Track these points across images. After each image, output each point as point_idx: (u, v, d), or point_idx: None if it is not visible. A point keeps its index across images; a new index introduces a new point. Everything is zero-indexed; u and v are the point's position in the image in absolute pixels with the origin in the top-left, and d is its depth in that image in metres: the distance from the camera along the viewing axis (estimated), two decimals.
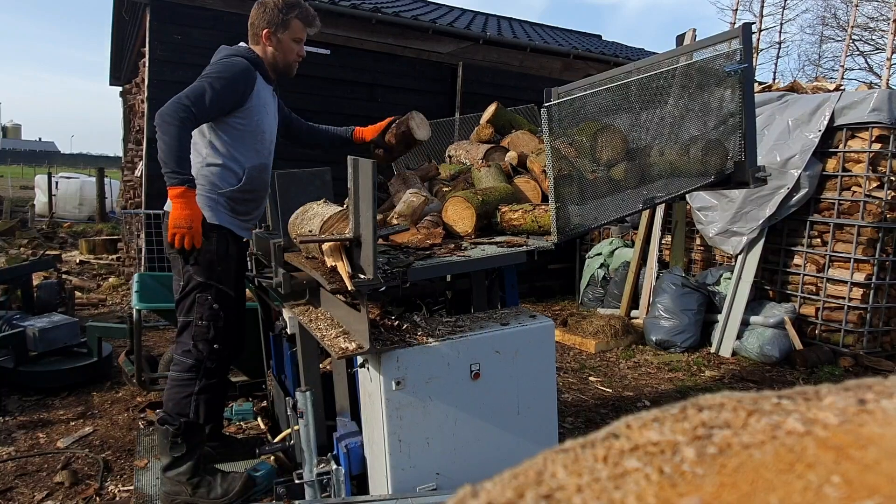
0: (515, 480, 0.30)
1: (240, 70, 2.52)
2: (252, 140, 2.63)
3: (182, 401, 2.60)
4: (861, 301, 4.94)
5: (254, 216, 2.76)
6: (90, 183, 16.22)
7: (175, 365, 2.64)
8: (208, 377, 2.62)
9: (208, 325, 2.58)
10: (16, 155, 61.91)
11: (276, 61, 2.69)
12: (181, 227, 2.36)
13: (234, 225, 2.65)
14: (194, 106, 2.38)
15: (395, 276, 1.92)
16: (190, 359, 2.60)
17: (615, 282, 6.43)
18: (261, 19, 2.64)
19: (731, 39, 2.65)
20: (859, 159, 4.90)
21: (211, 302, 2.58)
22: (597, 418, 3.78)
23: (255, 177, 2.65)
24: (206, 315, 2.58)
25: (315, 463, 2.14)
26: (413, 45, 6.80)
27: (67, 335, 4.15)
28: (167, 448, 2.62)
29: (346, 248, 1.88)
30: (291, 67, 2.74)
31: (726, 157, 2.63)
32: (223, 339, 2.64)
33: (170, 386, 2.65)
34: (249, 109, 2.57)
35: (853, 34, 22.02)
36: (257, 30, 2.65)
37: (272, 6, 2.63)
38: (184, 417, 2.59)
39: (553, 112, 2.23)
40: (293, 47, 2.69)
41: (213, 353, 2.61)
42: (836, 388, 0.34)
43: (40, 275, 6.22)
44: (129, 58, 9.15)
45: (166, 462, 2.64)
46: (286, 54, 2.69)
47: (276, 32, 2.64)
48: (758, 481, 0.28)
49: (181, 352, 2.63)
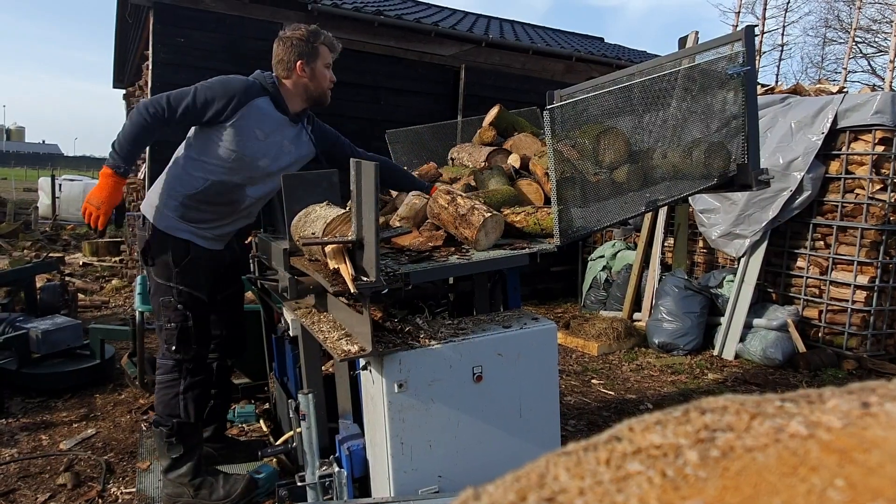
0: (518, 483, 0.30)
1: (231, 85, 2.50)
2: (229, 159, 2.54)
3: (170, 402, 2.63)
4: (864, 304, 4.93)
5: (213, 227, 2.65)
6: (93, 185, 16.24)
7: (158, 368, 2.69)
8: (192, 375, 2.65)
9: (176, 326, 2.60)
10: (19, 157, 62.13)
11: (312, 90, 2.66)
12: (92, 205, 2.37)
13: (185, 231, 2.59)
14: (170, 106, 2.40)
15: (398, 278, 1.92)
16: (169, 360, 2.64)
17: (617, 284, 6.43)
18: (291, 53, 2.60)
19: (734, 42, 2.65)
20: (862, 162, 4.89)
21: (174, 304, 2.59)
22: (599, 421, 3.77)
23: (218, 192, 2.57)
24: (172, 317, 2.60)
25: (317, 465, 2.14)
26: (415, 48, 6.81)
27: (70, 337, 4.16)
28: (164, 450, 2.65)
29: (349, 250, 1.88)
30: (326, 94, 2.70)
31: (729, 159, 2.63)
32: (197, 338, 2.65)
33: (157, 389, 2.69)
34: (232, 129, 2.49)
35: (856, 36, 21.99)
36: (289, 63, 2.60)
37: (299, 38, 2.61)
38: (175, 418, 2.62)
39: (556, 114, 2.24)
40: (326, 74, 2.68)
41: (189, 353, 2.63)
42: (840, 391, 0.34)
43: (43, 277, 6.23)
44: (132, 60, 9.18)
45: (166, 464, 2.66)
46: (321, 81, 2.66)
47: (309, 62, 2.63)
48: (761, 484, 0.28)
49: (161, 354, 2.67)
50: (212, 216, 2.64)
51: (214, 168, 2.55)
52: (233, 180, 2.58)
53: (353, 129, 6.55)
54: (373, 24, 6.40)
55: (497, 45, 7.22)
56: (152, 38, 5.58)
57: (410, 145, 3.74)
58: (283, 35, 2.64)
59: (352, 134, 7.20)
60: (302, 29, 2.64)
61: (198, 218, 2.61)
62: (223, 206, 2.64)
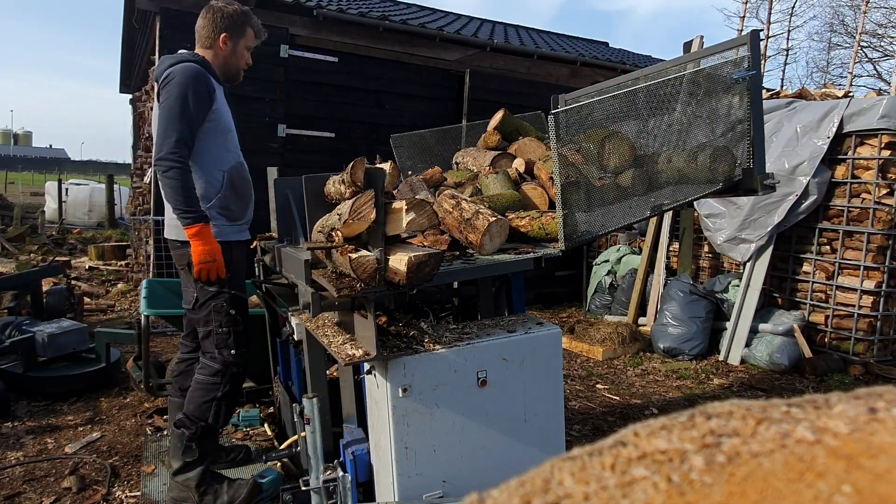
0: (522, 488, 0.30)
1: (200, 76, 2.55)
2: (223, 140, 2.66)
3: (203, 405, 2.64)
4: (871, 309, 4.90)
5: (248, 216, 2.79)
6: (100, 189, 16.35)
7: (201, 369, 2.69)
8: (232, 383, 2.68)
9: (228, 331, 2.64)
10: (27, 161, 62.51)
11: (229, 66, 2.73)
12: (206, 263, 2.47)
13: (233, 233, 2.70)
14: (181, 136, 2.45)
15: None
16: (216, 364, 2.64)
17: (622, 289, 6.41)
18: (217, 24, 2.67)
19: (739, 46, 2.65)
20: (868, 166, 4.87)
21: (227, 308, 2.63)
22: (604, 426, 3.76)
23: (235, 176, 2.69)
24: (224, 322, 2.63)
25: (321, 470, 2.13)
26: (420, 53, 6.83)
27: (76, 341, 4.17)
28: (180, 452, 2.64)
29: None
30: (240, 73, 2.80)
31: (734, 164, 2.62)
32: (244, 341, 2.71)
33: (194, 388, 2.68)
34: (215, 111, 2.61)
35: (862, 41, 21.94)
36: (212, 33, 2.67)
37: (231, 13, 2.68)
38: (203, 422, 2.63)
39: (560, 119, 2.24)
40: (245, 54, 2.76)
41: (237, 357, 2.67)
42: (847, 396, 0.33)
43: (49, 280, 6.26)
44: (139, 65, 9.24)
45: (177, 466, 2.66)
46: (238, 60, 2.74)
47: (232, 37, 2.69)
48: (767, 490, 0.27)
49: (208, 357, 2.67)
50: (243, 204, 2.74)
51: (219, 157, 2.63)
52: (232, 157, 2.68)
53: (357, 133, 6.60)
54: (378, 28, 6.42)
55: (501, 49, 7.23)
56: (159, 43, 5.62)
57: (415, 150, 3.74)
58: (214, 5, 2.69)
59: (356, 138, 7.21)
60: (235, 5, 2.70)
61: (237, 213, 2.71)
62: (245, 188, 2.75)
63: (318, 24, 6.16)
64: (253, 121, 5.81)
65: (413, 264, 1.75)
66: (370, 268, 1.75)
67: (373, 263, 1.76)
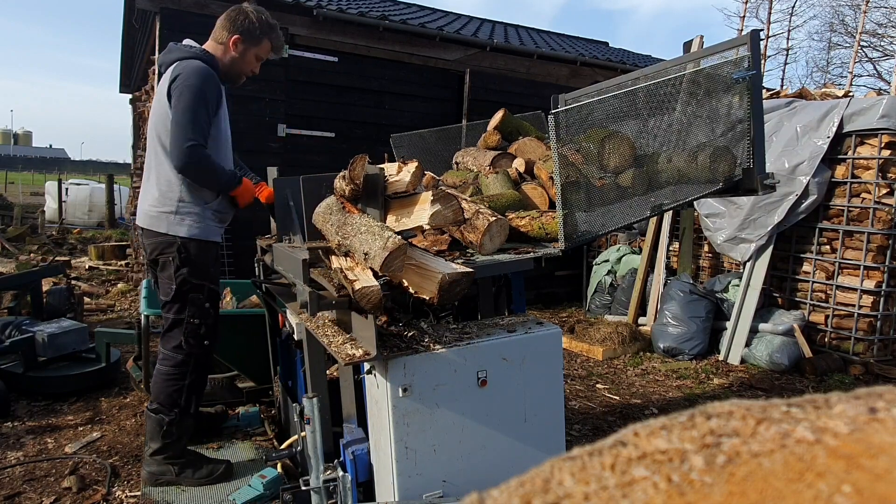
0: (522, 488, 0.30)
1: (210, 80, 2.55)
2: (224, 147, 2.71)
3: (173, 393, 2.71)
4: (871, 309, 4.90)
5: (229, 215, 2.86)
6: (100, 189, 16.36)
7: (165, 359, 2.74)
8: (198, 372, 2.75)
9: (200, 323, 2.70)
10: (27, 161, 62.53)
11: (233, 68, 2.71)
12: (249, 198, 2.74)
13: (218, 233, 2.78)
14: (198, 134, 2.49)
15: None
16: (181, 354, 2.70)
17: (622, 289, 6.41)
18: (235, 25, 2.65)
19: (739, 46, 2.65)
20: (868, 166, 4.87)
21: (203, 301, 2.70)
22: (604, 426, 3.76)
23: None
24: (198, 313, 2.69)
25: (321, 469, 2.13)
26: (420, 53, 6.83)
27: (76, 341, 4.17)
28: (159, 435, 2.73)
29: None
30: (241, 78, 2.78)
31: (734, 163, 2.62)
32: (212, 334, 2.77)
33: (160, 380, 2.74)
34: (218, 117, 2.64)
35: (862, 40, 21.93)
36: (226, 32, 2.65)
37: (253, 19, 2.66)
38: (176, 408, 2.71)
39: (560, 119, 2.24)
40: (253, 62, 2.73)
41: (203, 349, 2.73)
42: (847, 396, 0.33)
43: (49, 280, 6.26)
44: (139, 65, 9.24)
45: (156, 447, 2.75)
46: (244, 66, 2.72)
47: (245, 43, 2.65)
48: (767, 490, 0.27)
49: (171, 347, 2.72)
50: (233, 209, 2.82)
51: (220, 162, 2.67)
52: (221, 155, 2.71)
53: (357, 133, 6.59)
54: (378, 28, 6.42)
55: (502, 49, 7.23)
56: (159, 43, 5.61)
57: (415, 149, 3.74)
58: (244, 7, 2.68)
59: (356, 138, 7.22)
60: (264, 15, 2.67)
61: (227, 217, 2.79)
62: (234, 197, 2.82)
63: (318, 23, 6.15)
64: (253, 121, 5.81)
65: (446, 283, 1.69)
66: (375, 298, 1.75)
67: (378, 294, 1.76)
